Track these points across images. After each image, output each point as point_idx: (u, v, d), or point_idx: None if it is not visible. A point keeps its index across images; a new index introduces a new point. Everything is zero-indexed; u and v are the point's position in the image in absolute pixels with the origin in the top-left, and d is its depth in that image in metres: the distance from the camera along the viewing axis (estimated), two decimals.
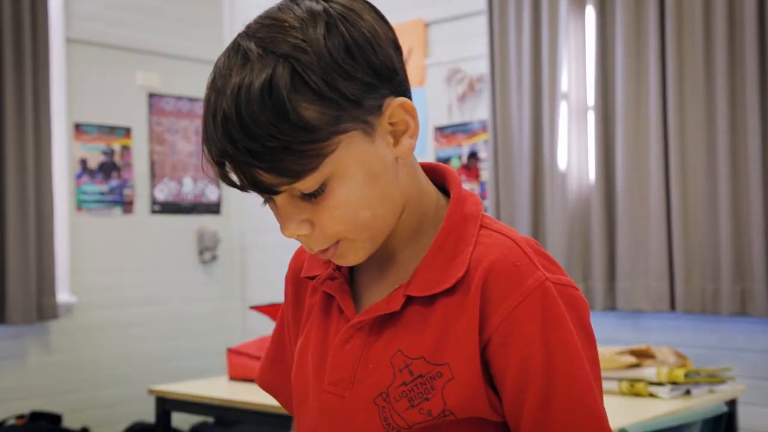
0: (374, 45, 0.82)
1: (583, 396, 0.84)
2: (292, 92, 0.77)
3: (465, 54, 3.96)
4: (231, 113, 0.78)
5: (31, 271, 3.79)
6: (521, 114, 3.67)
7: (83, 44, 4.22)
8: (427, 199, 0.92)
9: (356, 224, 0.84)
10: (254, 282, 4.76)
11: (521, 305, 0.83)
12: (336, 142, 0.80)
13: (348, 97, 0.80)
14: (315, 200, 0.82)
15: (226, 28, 4.82)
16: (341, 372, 0.90)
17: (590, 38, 3.51)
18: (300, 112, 0.78)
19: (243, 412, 2.55)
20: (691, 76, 3.24)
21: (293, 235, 0.85)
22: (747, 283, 3.14)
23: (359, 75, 0.80)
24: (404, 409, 0.85)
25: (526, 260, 0.85)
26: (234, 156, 0.79)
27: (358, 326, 0.90)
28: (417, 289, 0.87)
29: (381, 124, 0.83)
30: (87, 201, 4.22)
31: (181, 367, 4.46)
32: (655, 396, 2.33)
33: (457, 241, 0.88)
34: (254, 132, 0.77)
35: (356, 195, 0.83)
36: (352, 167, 0.82)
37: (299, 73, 0.78)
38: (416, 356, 0.86)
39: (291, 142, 0.78)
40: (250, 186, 0.82)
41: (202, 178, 4.69)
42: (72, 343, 4.13)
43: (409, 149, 0.86)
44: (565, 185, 3.55)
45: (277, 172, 0.79)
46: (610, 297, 3.46)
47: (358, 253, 0.87)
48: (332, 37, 0.80)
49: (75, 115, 4.18)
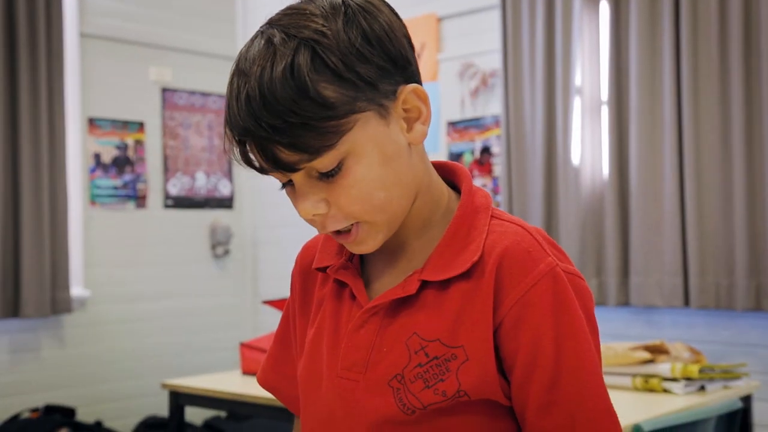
0: (390, 35, 0.87)
1: (590, 379, 0.86)
2: (312, 72, 0.82)
3: (478, 49, 3.95)
4: (254, 92, 0.82)
5: (45, 265, 3.81)
6: (534, 109, 3.66)
7: (97, 39, 4.23)
8: (437, 191, 0.95)
9: (372, 204, 0.87)
10: (267, 276, 4.77)
11: (533, 288, 0.86)
12: (353, 120, 0.84)
13: (365, 79, 0.84)
14: (332, 179, 0.85)
15: (239, 22, 4.82)
16: (355, 356, 0.92)
17: (604, 32, 3.49)
18: (320, 91, 0.82)
19: (256, 406, 2.55)
20: (705, 70, 3.22)
21: (309, 215, 0.88)
22: (762, 278, 3.12)
23: (375, 60, 0.85)
24: (419, 390, 0.87)
25: (538, 247, 0.88)
26: (256, 133, 0.83)
27: (373, 311, 0.92)
28: (432, 273, 0.90)
29: (395, 108, 0.88)
30: (100, 195, 4.23)
31: (193, 361, 4.47)
32: (669, 392, 2.32)
33: (470, 229, 0.91)
34: (276, 109, 0.81)
35: (372, 174, 0.86)
36: (367, 146, 0.85)
37: (320, 55, 0.83)
38: (432, 338, 0.88)
39: (311, 119, 0.82)
40: (270, 164, 0.85)
41: (215, 173, 4.70)
42: (85, 337, 4.15)
43: (422, 135, 0.90)
44: (579, 180, 3.53)
45: (297, 149, 0.83)
46: (624, 292, 3.45)
47: (377, 237, 0.90)
48: (351, 26, 0.85)
49: (89, 109, 4.20)
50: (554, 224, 3.62)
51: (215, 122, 4.70)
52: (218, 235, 4.64)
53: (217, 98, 4.71)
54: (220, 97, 4.73)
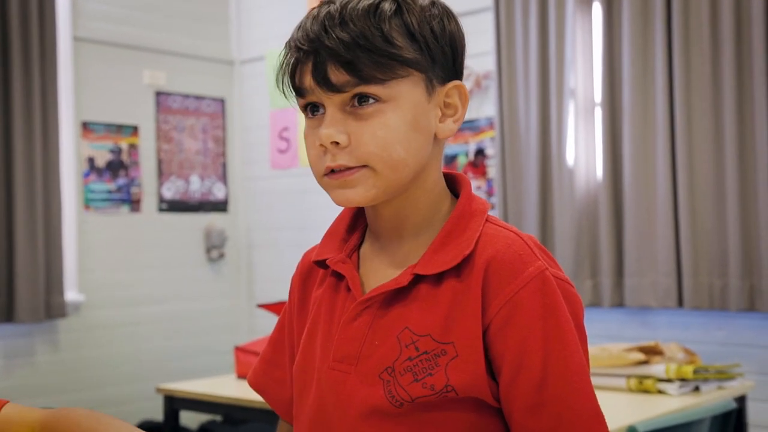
0: (459, 39, 0.96)
1: (578, 380, 0.87)
2: (392, 18, 0.90)
3: (472, 50, 3.92)
4: (336, 12, 0.90)
5: (39, 269, 3.80)
6: (528, 111, 3.66)
7: (91, 43, 4.23)
8: (440, 194, 0.98)
9: (390, 154, 0.90)
10: (262, 280, 4.77)
11: (522, 290, 0.88)
12: (407, 72, 0.90)
13: (429, 50, 0.92)
14: (364, 115, 0.90)
15: (233, 26, 4.82)
16: (347, 348, 0.94)
17: (597, 34, 3.50)
18: (392, 32, 0.90)
19: (251, 410, 2.55)
20: (698, 71, 3.23)
21: (329, 139, 0.90)
22: (755, 278, 3.13)
23: (442, 43, 0.93)
24: (408, 383, 0.89)
25: (528, 251, 0.91)
26: (323, 43, 0.89)
27: (367, 304, 0.94)
28: (424, 268, 0.92)
29: (440, 94, 0.94)
30: (94, 199, 4.22)
31: (188, 365, 4.46)
32: (664, 392, 2.32)
33: (464, 230, 0.94)
34: (350, 27, 0.89)
35: (401, 129, 0.90)
36: (407, 103, 0.91)
37: (402, 10, 0.91)
38: (423, 333, 0.90)
39: (375, 47, 0.88)
40: (319, 80, 0.90)
41: (209, 176, 4.69)
42: (80, 341, 4.14)
43: (449, 131, 0.95)
44: (573, 182, 3.54)
45: (352, 70, 0.88)
46: (618, 293, 3.46)
47: (369, 191, 0.91)
48: (434, 17, 0.93)
49: (82, 113, 4.19)
50: (549, 226, 3.62)
51: (209, 125, 4.70)
52: (213, 238, 4.64)
53: (211, 101, 4.71)
54: (214, 101, 4.72)
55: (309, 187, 4.49)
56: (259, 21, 4.76)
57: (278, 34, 4.67)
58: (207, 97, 4.69)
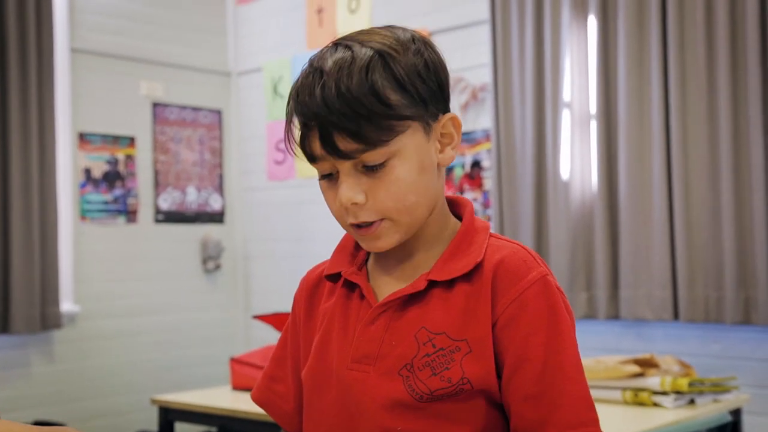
0: (443, 68, 1.03)
1: (575, 377, 0.96)
2: (383, 78, 0.97)
3: (468, 63, 3.97)
4: (331, 85, 0.96)
5: (35, 280, 3.79)
6: (524, 123, 3.67)
7: (88, 54, 4.23)
8: (446, 216, 1.07)
9: (404, 204, 0.99)
10: (258, 291, 4.76)
11: (527, 291, 0.97)
12: (406, 125, 0.98)
13: (420, 95, 0.99)
14: (375, 174, 0.98)
15: (230, 37, 4.84)
16: (366, 349, 1.01)
17: (592, 47, 3.52)
18: (387, 93, 0.97)
19: (246, 422, 2.54)
20: (693, 84, 3.25)
21: (350, 202, 0.98)
22: (750, 291, 3.13)
23: (430, 83, 1.00)
24: (427, 377, 0.97)
25: (531, 258, 1.00)
26: (326, 118, 0.95)
27: (384, 308, 1.02)
28: (438, 275, 1.01)
29: (435, 129, 1.02)
30: (91, 210, 4.22)
31: (184, 376, 4.45)
32: (659, 405, 2.32)
33: (471, 243, 1.03)
34: (349, 99, 0.95)
35: (410, 178, 0.99)
36: (412, 152, 0.99)
37: (390, 66, 0.98)
38: (439, 332, 0.99)
39: (375, 114, 0.95)
40: (328, 149, 0.97)
41: (205, 187, 4.70)
42: (75, 352, 4.13)
43: (450, 159, 1.03)
44: (568, 194, 3.55)
45: (358, 138, 0.95)
46: (614, 306, 3.46)
47: (393, 236, 1.01)
48: (416, 53, 1.00)
49: (79, 124, 4.20)
50: (544, 237, 3.63)
51: (206, 137, 4.71)
52: (209, 249, 4.64)
53: (208, 113, 4.72)
54: (210, 112, 4.73)
55: (305, 199, 4.50)
56: (256, 33, 4.77)
57: (275, 46, 4.68)
58: (204, 108, 4.69)
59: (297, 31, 4.57)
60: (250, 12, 4.79)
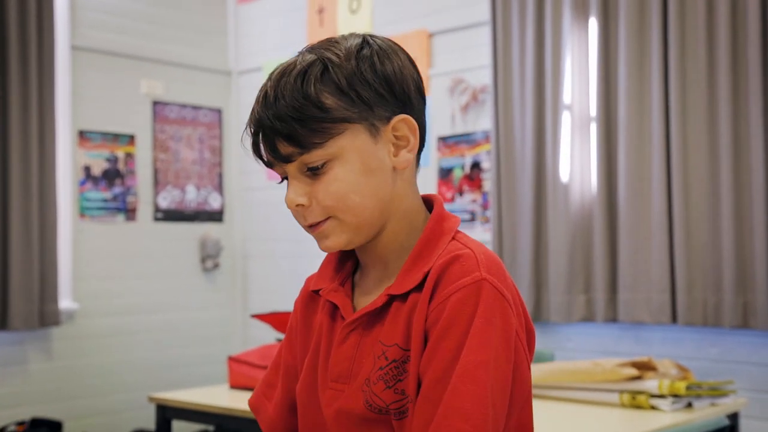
0: (397, 75, 1.02)
1: (474, 390, 0.90)
2: (318, 82, 0.98)
3: (468, 64, 3.97)
4: (271, 91, 0.99)
5: (34, 277, 3.79)
6: (524, 124, 3.67)
7: (88, 52, 4.23)
8: (417, 218, 1.05)
9: (346, 204, 0.99)
10: (256, 290, 4.76)
11: (454, 295, 0.94)
12: (343, 128, 0.98)
13: (362, 99, 0.99)
14: (317, 176, 0.99)
15: (231, 36, 4.84)
16: (340, 368, 1.02)
17: (593, 49, 3.52)
18: (320, 97, 0.98)
19: (243, 420, 2.54)
20: (693, 87, 3.25)
21: (293, 204, 1.00)
22: (749, 295, 3.13)
23: (376, 87, 1.00)
24: (381, 390, 0.97)
25: (474, 263, 0.96)
26: (264, 124, 0.99)
27: (351, 326, 1.03)
28: (396, 288, 1.00)
29: (386, 132, 1.01)
30: (90, 208, 4.22)
31: (182, 374, 4.45)
32: (657, 408, 2.32)
33: (432, 249, 1.01)
34: (282, 103, 0.97)
35: (350, 178, 0.99)
36: (351, 154, 0.99)
37: (329, 71, 0.99)
38: (390, 344, 0.99)
39: (307, 117, 0.97)
40: (271, 154, 1.00)
41: (205, 186, 4.70)
42: (73, 349, 4.13)
43: (406, 162, 1.02)
44: (568, 196, 3.55)
45: (292, 141, 0.98)
46: (612, 309, 3.46)
47: (340, 237, 1.01)
48: (364, 59, 1.00)
49: (79, 122, 4.20)
50: (543, 240, 3.63)
51: (206, 135, 4.71)
52: (208, 248, 4.64)
53: (208, 111, 4.72)
54: (210, 111, 4.73)
55: None
56: (256, 32, 4.77)
57: (276, 45, 4.68)
58: (204, 107, 4.69)
59: (298, 31, 4.57)
60: (251, 11, 4.79)
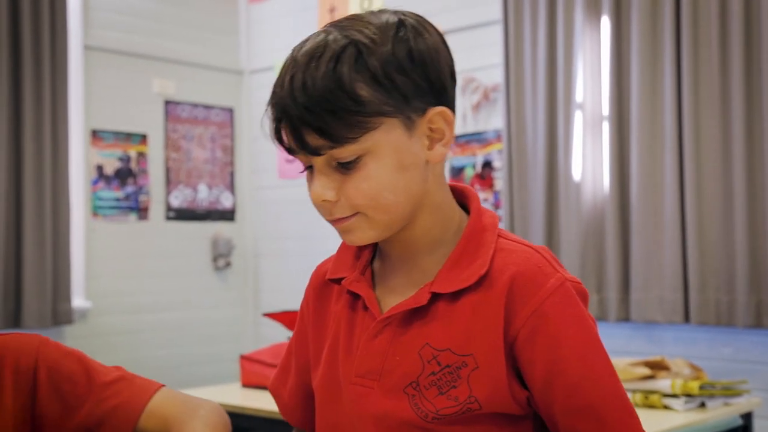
0: (433, 59, 0.95)
1: (610, 382, 0.92)
2: (353, 70, 0.90)
3: (480, 63, 3.96)
4: (299, 77, 0.90)
5: (47, 276, 3.81)
6: (536, 123, 3.66)
7: (101, 51, 4.25)
8: (449, 211, 1.00)
9: (378, 202, 0.92)
10: (268, 289, 4.77)
11: (546, 301, 0.91)
12: (378, 122, 0.91)
13: (399, 89, 0.91)
14: (347, 171, 0.92)
15: (243, 35, 4.84)
16: (370, 364, 0.97)
17: (605, 48, 3.50)
18: (355, 88, 0.90)
19: (256, 419, 2.55)
20: (706, 85, 3.23)
21: (320, 199, 0.94)
22: (763, 295, 3.12)
23: (413, 76, 0.92)
24: (434, 396, 0.93)
25: (547, 264, 0.94)
26: (291, 113, 0.90)
27: (387, 321, 0.97)
28: (442, 286, 0.95)
29: (421, 125, 0.94)
30: (103, 207, 4.24)
31: (193, 373, 4.46)
32: (670, 408, 2.31)
33: (478, 246, 0.96)
34: (313, 93, 0.89)
35: (384, 176, 0.92)
36: (386, 150, 0.92)
37: (363, 57, 0.90)
38: (443, 348, 0.94)
39: (341, 109, 0.89)
40: (297, 145, 0.92)
41: (217, 185, 4.71)
42: (86, 348, 4.11)
43: (440, 156, 0.96)
44: (580, 195, 3.54)
45: (323, 134, 0.90)
46: (624, 308, 3.45)
47: (367, 233, 0.95)
48: (400, 41, 0.92)
49: (92, 121, 4.21)
50: (555, 239, 3.62)
51: (218, 135, 4.72)
52: (220, 247, 4.65)
53: (220, 111, 4.73)
54: (222, 110, 4.74)
55: None
56: (268, 31, 4.77)
57: (287, 44, 4.64)
58: (216, 106, 4.70)
59: (309, 31, 4.46)
60: (263, 11, 4.79)
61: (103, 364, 1.19)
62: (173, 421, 1.11)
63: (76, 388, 1.15)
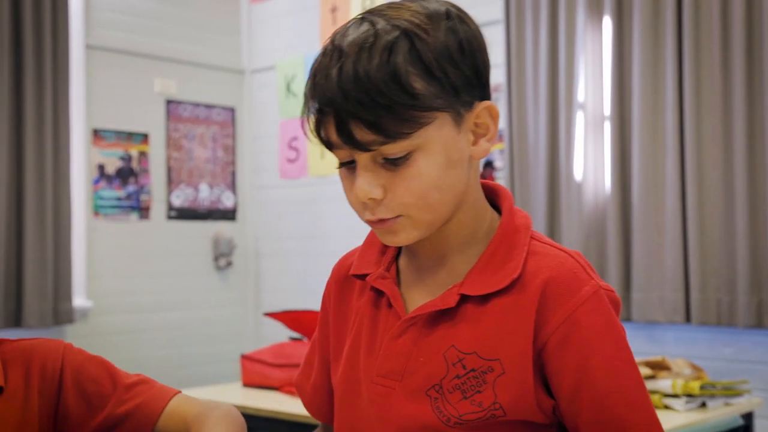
0: (480, 47, 0.92)
1: (638, 394, 0.89)
2: (407, 62, 0.86)
3: None
4: (349, 69, 0.85)
5: (48, 275, 3.81)
6: (537, 123, 3.66)
7: (102, 51, 4.25)
8: (482, 210, 0.97)
9: (425, 201, 0.89)
10: (269, 289, 4.77)
11: (580, 309, 0.89)
12: (432, 117, 0.87)
13: (452, 83, 0.88)
14: (395, 168, 0.88)
15: (244, 35, 4.85)
16: (392, 364, 0.94)
17: (607, 48, 3.50)
18: (410, 81, 0.86)
19: (257, 419, 2.55)
20: (708, 85, 3.23)
21: (366, 197, 0.89)
22: (764, 295, 3.12)
23: (464, 68, 0.89)
24: (457, 400, 0.90)
25: (581, 270, 0.92)
26: (342, 106, 0.85)
27: (412, 321, 0.94)
28: (471, 288, 0.92)
29: (468, 119, 0.91)
30: (104, 206, 4.24)
31: (194, 372, 4.47)
32: (671, 408, 2.32)
33: (510, 248, 0.93)
34: (367, 86, 0.84)
35: (434, 173, 0.88)
36: (437, 146, 0.88)
37: (417, 48, 0.86)
38: (469, 351, 0.90)
39: (396, 103, 0.85)
40: (344, 139, 0.87)
41: (218, 184, 4.71)
42: (87, 347, 4.09)
43: (484, 151, 0.93)
44: (581, 195, 3.54)
45: (375, 129, 0.85)
46: (626, 308, 3.45)
47: (411, 233, 0.91)
48: (449, 32, 0.89)
49: (93, 120, 4.22)
50: (556, 239, 3.62)
51: (219, 134, 4.72)
52: (221, 246, 4.65)
53: (221, 110, 4.73)
54: (224, 109, 4.74)
55: (317, 197, 4.50)
56: (270, 31, 4.78)
57: (289, 44, 4.69)
58: (217, 105, 4.71)
59: (311, 30, 4.57)
60: (264, 10, 4.80)
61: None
62: (192, 422, 1.14)
63: (101, 389, 1.20)
